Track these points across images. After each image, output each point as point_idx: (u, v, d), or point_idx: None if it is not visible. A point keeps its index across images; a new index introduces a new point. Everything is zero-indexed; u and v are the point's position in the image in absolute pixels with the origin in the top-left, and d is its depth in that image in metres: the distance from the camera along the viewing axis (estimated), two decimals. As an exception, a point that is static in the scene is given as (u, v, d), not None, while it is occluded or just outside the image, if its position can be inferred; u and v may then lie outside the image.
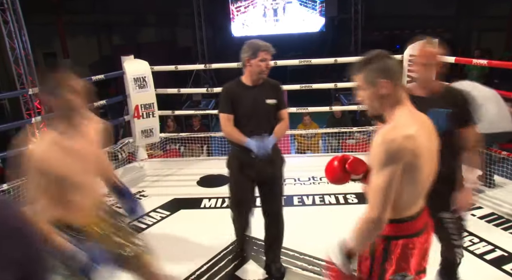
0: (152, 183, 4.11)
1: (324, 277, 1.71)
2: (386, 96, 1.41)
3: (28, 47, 6.36)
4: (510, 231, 2.94)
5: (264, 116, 2.39)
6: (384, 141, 1.35)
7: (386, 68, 1.41)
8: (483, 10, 12.03)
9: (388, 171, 1.34)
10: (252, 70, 2.34)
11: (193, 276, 2.60)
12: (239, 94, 2.38)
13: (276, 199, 2.54)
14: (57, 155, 1.65)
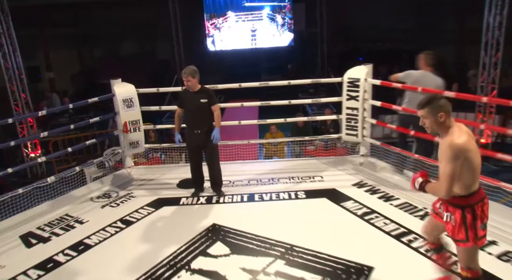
0: (138, 186, 4.90)
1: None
2: (443, 121, 2.34)
3: (21, 67, 7.06)
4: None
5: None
6: (450, 146, 2.26)
7: (442, 105, 2.34)
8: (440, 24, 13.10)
9: (453, 163, 2.25)
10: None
11: (175, 254, 3.40)
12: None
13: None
14: None
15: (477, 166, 2.32)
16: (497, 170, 7.16)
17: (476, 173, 2.33)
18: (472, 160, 2.28)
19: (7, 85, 6.85)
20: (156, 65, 14.44)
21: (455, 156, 2.24)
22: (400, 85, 4.49)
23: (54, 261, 3.38)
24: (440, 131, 2.37)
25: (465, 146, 2.26)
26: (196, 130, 4.28)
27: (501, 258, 3.15)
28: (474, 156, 2.29)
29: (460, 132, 2.31)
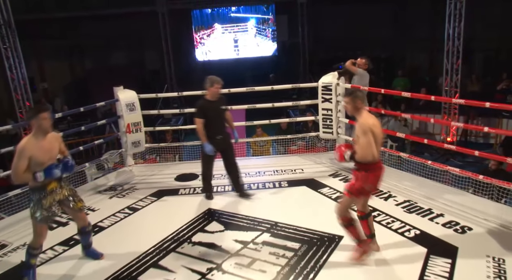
0: (141, 180, 5.52)
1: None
2: (359, 107, 3.16)
3: (26, 78, 7.63)
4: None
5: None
6: (363, 123, 3.09)
7: (359, 95, 3.19)
8: (414, 33, 13.96)
9: (366, 136, 3.04)
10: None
11: (178, 231, 4.03)
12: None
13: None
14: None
15: (379, 141, 3.16)
16: (462, 165, 7.98)
17: (377, 146, 3.14)
18: (375, 136, 3.10)
19: (13, 94, 7.41)
20: (146, 75, 15.01)
21: (365, 131, 3.07)
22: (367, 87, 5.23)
23: (75, 239, 3.98)
24: (356, 114, 3.22)
25: (371, 124, 3.10)
26: (218, 136, 4.54)
27: (446, 226, 3.87)
28: (378, 134, 3.12)
29: (368, 116, 3.19)
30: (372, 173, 3.17)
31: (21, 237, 4.11)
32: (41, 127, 3.11)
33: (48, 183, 3.21)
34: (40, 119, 3.09)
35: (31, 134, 3.14)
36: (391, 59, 14.32)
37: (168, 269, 3.41)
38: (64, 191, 3.34)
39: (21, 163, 3.03)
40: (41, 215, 3.17)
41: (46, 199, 3.21)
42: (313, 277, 3.21)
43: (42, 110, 3.14)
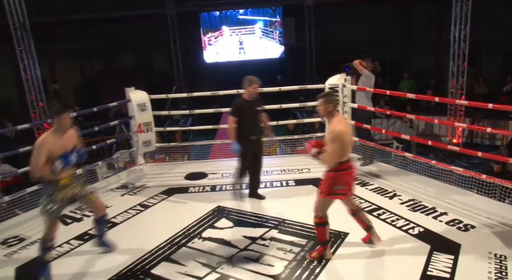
0: (152, 179, 5.67)
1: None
2: (330, 111, 3.21)
3: (39, 79, 7.83)
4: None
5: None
6: (334, 131, 3.17)
7: (332, 100, 3.23)
8: (420, 36, 14.04)
9: (333, 144, 3.13)
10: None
11: (188, 227, 4.16)
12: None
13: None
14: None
15: (348, 145, 3.26)
16: (467, 166, 8.04)
17: (346, 150, 3.26)
18: (344, 142, 3.20)
19: (27, 95, 7.61)
20: (154, 77, 15.21)
21: (334, 139, 3.16)
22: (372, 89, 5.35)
23: (89, 234, 4.13)
24: (327, 118, 3.32)
25: (341, 132, 3.18)
26: (253, 136, 4.53)
27: (449, 224, 3.97)
28: (346, 139, 3.22)
29: (339, 122, 3.26)
30: (340, 174, 3.28)
31: (38, 231, 4.24)
32: (62, 124, 3.29)
33: (60, 178, 3.35)
34: (62, 119, 3.28)
35: (51, 130, 3.31)
36: (397, 62, 14.38)
37: (179, 263, 3.54)
38: (75, 187, 3.48)
39: (40, 157, 3.19)
40: (52, 208, 3.32)
41: (58, 193, 3.35)
42: (319, 271, 3.33)
43: (67, 108, 3.32)
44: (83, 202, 3.60)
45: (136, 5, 13.11)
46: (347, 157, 3.29)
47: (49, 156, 3.22)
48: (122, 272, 3.45)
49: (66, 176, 3.40)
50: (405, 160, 5.58)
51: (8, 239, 4.16)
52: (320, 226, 3.42)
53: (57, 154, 3.25)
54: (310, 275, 3.27)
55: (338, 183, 3.28)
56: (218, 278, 3.30)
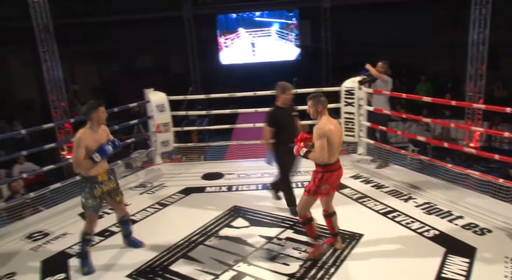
0: (169, 178, 5.78)
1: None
2: (320, 112, 3.29)
3: (61, 80, 8.05)
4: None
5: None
6: (319, 128, 3.27)
7: (321, 100, 3.30)
8: (437, 38, 13.90)
9: (321, 140, 3.19)
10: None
11: (205, 226, 4.25)
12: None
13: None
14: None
15: (335, 145, 3.34)
16: (485, 171, 7.95)
17: (333, 150, 3.33)
18: (331, 141, 3.29)
19: (49, 95, 7.83)
20: (171, 78, 15.41)
21: (320, 135, 3.27)
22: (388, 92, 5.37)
23: (110, 231, 4.26)
24: (317, 118, 3.40)
25: (327, 129, 3.28)
26: (292, 144, 4.22)
27: (465, 228, 3.97)
28: (334, 139, 3.31)
29: (327, 121, 3.36)
30: (327, 174, 3.37)
31: (61, 227, 4.43)
32: (98, 119, 3.46)
33: (98, 174, 3.50)
34: (100, 112, 3.46)
35: (87, 126, 3.47)
36: (414, 65, 14.28)
37: (197, 260, 3.63)
38: (111, 183, 3.65)
39: (80, 152, 3.36)
40: (93, 204, 3.49)
41: (97, 189, 3.51)
42: (334, 271, 3.37)
43: (101, 104, 3.49)
44: (111, 200, 3.72)
45: (154, 7, 13.33)
46: (335, 158, 3.39)
47: (87, 150, 3.39)
48: (141, 268, 3.56)
49: (103, 171, 3.56)
50: (421, 163, 5.58)
51: (33, 234, 4.32)
52: (306, 224, 3.56)
53: (94, 148, 3.41)
54: (324, 275, 3.33)
55: (325, 183, 3.39)
56: (235, 275, 3.38)
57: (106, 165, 3.64)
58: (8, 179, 6.70)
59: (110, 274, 3.52)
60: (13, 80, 14.39)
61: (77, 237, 4.08)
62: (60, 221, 4.57)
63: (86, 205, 3.52)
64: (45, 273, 3.59)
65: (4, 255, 3.95)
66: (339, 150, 3.44)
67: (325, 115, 3.39)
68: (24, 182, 6.98)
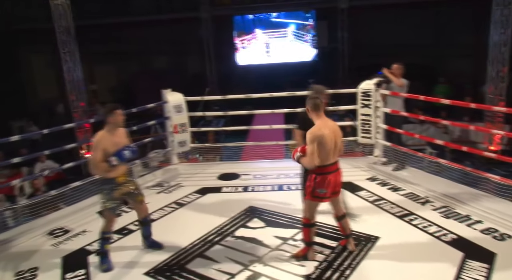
0: (186, 178, 5.85)
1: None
2: (312, 114, 3.37)
3: (80, 81, 8.21)
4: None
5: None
6: (310, 132, 3.27)
7: (316, 103, 3.33)
8: (456, 39, 13.69)
9: (312, 145, 3.20)
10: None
11: (221, 226, 4.29)
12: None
13: None
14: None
15: (329, 149, 3.33)
16: (505, 175, 7.79)
17: (326, 153, 3.33)
18: (324, 145, 3.29)
19: (68, 95, 8.01)
20: (188, 79, 15.54)
21: (311, 140, 3.27)
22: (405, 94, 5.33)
23: (128, 229, 4.34)
24: (314, 121, 3.41)
25: (318, 135, 3.27)
26: None
27: (484, 232, 3.92)
28: (327, 142, 3.30)
29: (323, 125, 3.35)
30: (322, 177, 3.37)
31: (81, 224, 4.54)
32: (115, 122, 3.53)
33: (117, 176, 3.57)
34: (116, 115, 3.52)
35: (105, 129, 3.54)
36: (432, 66, 14.08)
37: (213, 259, 3.68)
38: (130, 184, 3.72)
39: (97, 154, 3.44)
40: (112, 205, 3.56)
41: (116, 191, 3.58)
42: (349, 273, 3.37)
43: (117, 107, 3.56)
44: (132, 200, 3.79)
45: (172, 8, 13.47)
46: (331, 160, 3.38)
47: (105, 153, 3.45)
48: (159, 266, 3.62)
49: (122, 173, 3.62)
50: (439, 166, 5.51)
51: (54, 230, 4.44)
52: (305, 227, 3.57)
53: (112, 151, 3.48)
54: (340, 277, 3.33)
55: (320, 186, 3.38)
56: (250, 275, 3.41)
57: (125, 167, 3.70)
58: (31, 176, 6.87)
59: (128, 272, 3.59)
60: (35, 80, 14.75)
61: (96, 234, 4.17)
62: (80, 218, 4.68)
63: (105, 206, 3.59)
64: (65, 269, 3.69)
65: (27, 250, 4.07)
66: (335, 153, 3.42)
67: (319, 119, 3.38)
68: (45, 180, 7.15)
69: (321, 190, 3.40)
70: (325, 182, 3.39)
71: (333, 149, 3.37)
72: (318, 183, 3.39)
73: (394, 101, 5.51)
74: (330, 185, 3.42)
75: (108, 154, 3.47)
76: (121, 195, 3.64)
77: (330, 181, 3.41)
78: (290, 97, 6.14)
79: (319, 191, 3.40)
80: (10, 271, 3.72)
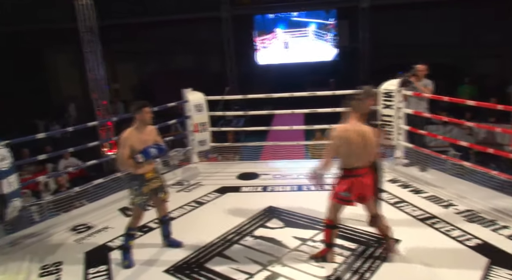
0: (206, 177, 5.89)
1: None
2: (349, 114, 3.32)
3: (103, 79, 8.37)
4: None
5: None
6: (335, 129, 3.31)
7: (355, 105, 3.33)
8: (482, 39, 13.36)
9: (331, 141, 3.27)
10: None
11: (240, 225, 4.30)
12: None
13: None
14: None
15: (353, 151, 3.23)
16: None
17: (351, 155, 3.25)
18: (348, 146, 3.22)
19: (91, 94, 8.18)
20: (207, 78, 15.62)
21: (331, 136, 3.30)
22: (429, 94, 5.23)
23: (148, 226, 4.39)
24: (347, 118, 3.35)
25: (340, 136, 3.24)
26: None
27: (511, 238, 3.80)
28: (351, 144, 3.22)
29: (348, 127, 3.27)
30: (344, 180, 3.32)
31: (103, 221, 4.63)
32: (143, 120, 3.56)
33: (146, 172, 3.61)
34: (144, 112, 3.55)
35: (134, 126, 3.58)
36: (457, 66, 13.77)
37: (232, 259, 3.69)
38: (158, 181, 3.75)
39: (124, 152, 3.49)
40: (140, 201, 3.60)
41: (145, 186, 3.62)
42: (369, 276, 3.33)
43: (145, 105, 3.58)
44: (155, 197, 3.80)
45: (193, 8, 13.57)
46: (356, 164, 3.28)
47: (132, 150, 3.50)
48: (178, 264, 3.66)
49: (150, 169, 3.67)
50: (463, 169, 5.38)
51: (77, 226, 4.54)
52: (327, 228, 3.51)
53: (139, 148, 3.52)
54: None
55: (342, 189, 3.32)
56: (269, 276, 3.41)
57: (153, 163, 3.73)
58: (56, 173, 7.04)
59: (148, 269, 3.64)
60: (60, 79, 15.11)
61: (117, 231, 4.27)
62: (102, 215, 4.77)
63: (134, 202, 3.63)
64: (88, 264, 3.76)
65: (52, 245, 4.18)
66: (364, 157, 3.29)
67: (352, 120, 3.30)
68: (69, 177, 7.31)
69: (345, 194, 3.34)
70: (348, 185, 3.31)
71: (360, 153, 3.26)
72: (340, 186, 3.35)
73: (417, 102, 5.42)
74: (354, 189, 3.32)
75: (135, 151, 3.51)
76: (149, 191, 3.67)
77: (354, 185, 3.31)
78: (311, 97, 6.11)
79: (342, 194, 3.35)
80: (36, 264, 3.83)
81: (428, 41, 12.92)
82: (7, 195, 3.83)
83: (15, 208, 3.99)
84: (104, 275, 3.60)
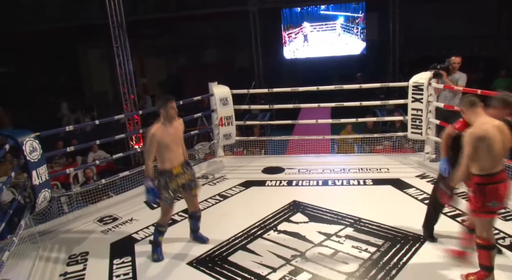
0: (230, 171, 5.89)
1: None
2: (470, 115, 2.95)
3: (132, 74, 8.49)
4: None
5: None
6: (470, 133, 2.79)
7: (470, 101, 2.98)
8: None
9: (470, 146, 2.78)
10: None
11: (264, 219, 4.27)
12: None
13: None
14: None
15: (496, 153, 2.77)
16: None
17: (494, 158, 2.79)
18: (490, 148, 2.75)
19: (120, 88, 8.33)
20: (235, 72, 15.66)
21: (468, 142, 2.79)
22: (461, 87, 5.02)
23: (173, 219, 4.42)
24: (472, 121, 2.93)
25: (480, 135, 2.75)
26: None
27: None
28: (493, 144, 2.74)
29: (483, 122, 2.82)
30: (492, 188, 2.83)
31: (128, 213, 4.70)
32: (169, 114, 3.52)
33: (173, 167, 3.57)
34: (169, 107, 3.51)
35: (160, 121, 3.55)
36: (492, 58, 13.21)
37: (255, 252, 3.67)
38: (187, 175, 3.68)
39: (152, 147, 3.48)
40: (168, 197, 3.56)
41: (173, 182, 3.57)
42: (395, 273, 3.23)
43: (170, 99, 3.56)
44: (185, 193, 3.76)
45: (220, 2, 13.61)
46: (498, 167, 2.84)
47: (160, 145, 3.48)
48: (201, 257, 3.67)
49: (179, 164, 3.61)
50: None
51: (104, 218, 4.63)
52: (483, 249, 2.96)
53: (166, 142, 3.49)
54: (385, 277, 3.20)
55: (491, 198, 2.83)
56: (292, 270, 3.36)
57: (181, 158, 3.65)
58: (84, 165, 7.22)
59: (171, 261, 3.66)
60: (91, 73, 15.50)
61: (142, 223, 4.37)
62: (128, 207, 4.85)
63: (161, 198, 3.57)
64: (113, 255, 3.83)
65: (79, 235, 4.28)
66: (503, 157, 2.91)
67: (480, 116, 2.89)
68: (97, 169, 7.48)
69: (493, 204, 2.86)
70: (497, 193, 2.85)
71: (501, 153, 2.84)
72: (488, 195, 2.84)
73: (449, 95, 5.21)
74: (501, 196, 2.88)
75: (163, 145, 3.47)
76: (177, 186, 3.61)
77: (503, 192, 2.88)
78: (337, 91, 6.01)
79: (491, 205, 2.86)
80: (64, 253, 3.93)
81: (460, 33, 12.50)
82: (37, 186, 3.93)
83: (45, 199, 4.09)
84: (128, 266, 3.64)
